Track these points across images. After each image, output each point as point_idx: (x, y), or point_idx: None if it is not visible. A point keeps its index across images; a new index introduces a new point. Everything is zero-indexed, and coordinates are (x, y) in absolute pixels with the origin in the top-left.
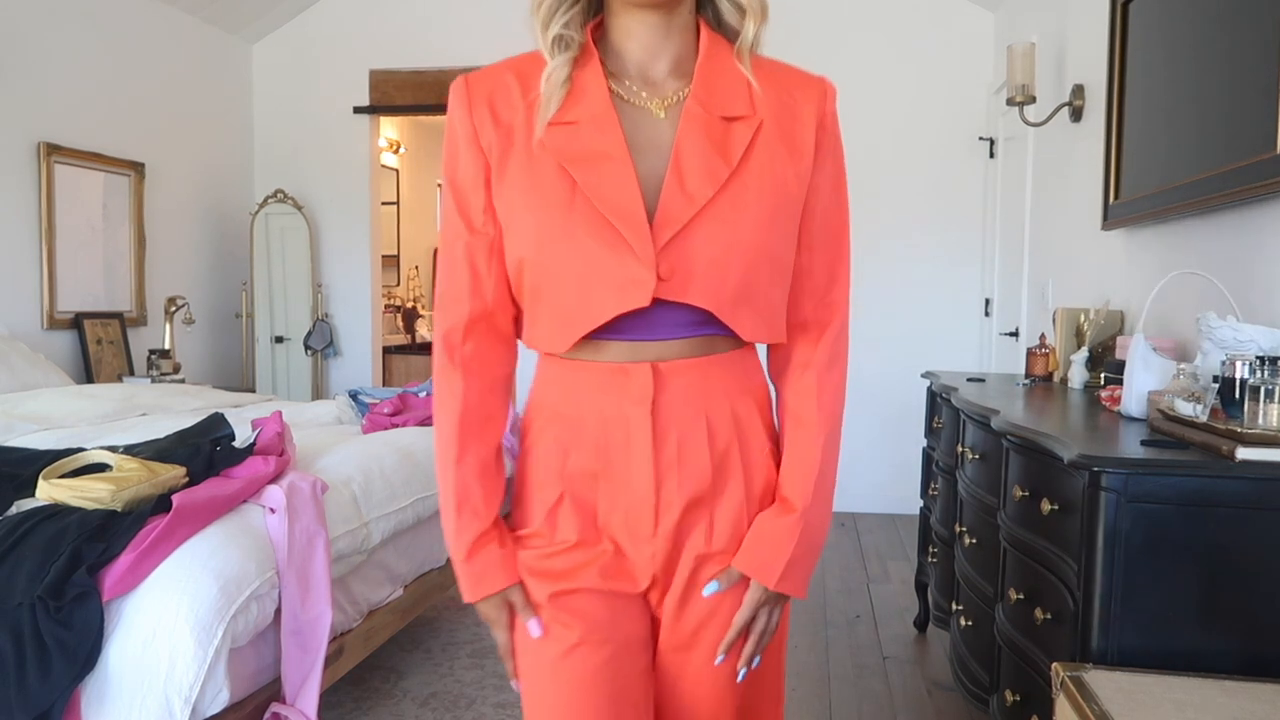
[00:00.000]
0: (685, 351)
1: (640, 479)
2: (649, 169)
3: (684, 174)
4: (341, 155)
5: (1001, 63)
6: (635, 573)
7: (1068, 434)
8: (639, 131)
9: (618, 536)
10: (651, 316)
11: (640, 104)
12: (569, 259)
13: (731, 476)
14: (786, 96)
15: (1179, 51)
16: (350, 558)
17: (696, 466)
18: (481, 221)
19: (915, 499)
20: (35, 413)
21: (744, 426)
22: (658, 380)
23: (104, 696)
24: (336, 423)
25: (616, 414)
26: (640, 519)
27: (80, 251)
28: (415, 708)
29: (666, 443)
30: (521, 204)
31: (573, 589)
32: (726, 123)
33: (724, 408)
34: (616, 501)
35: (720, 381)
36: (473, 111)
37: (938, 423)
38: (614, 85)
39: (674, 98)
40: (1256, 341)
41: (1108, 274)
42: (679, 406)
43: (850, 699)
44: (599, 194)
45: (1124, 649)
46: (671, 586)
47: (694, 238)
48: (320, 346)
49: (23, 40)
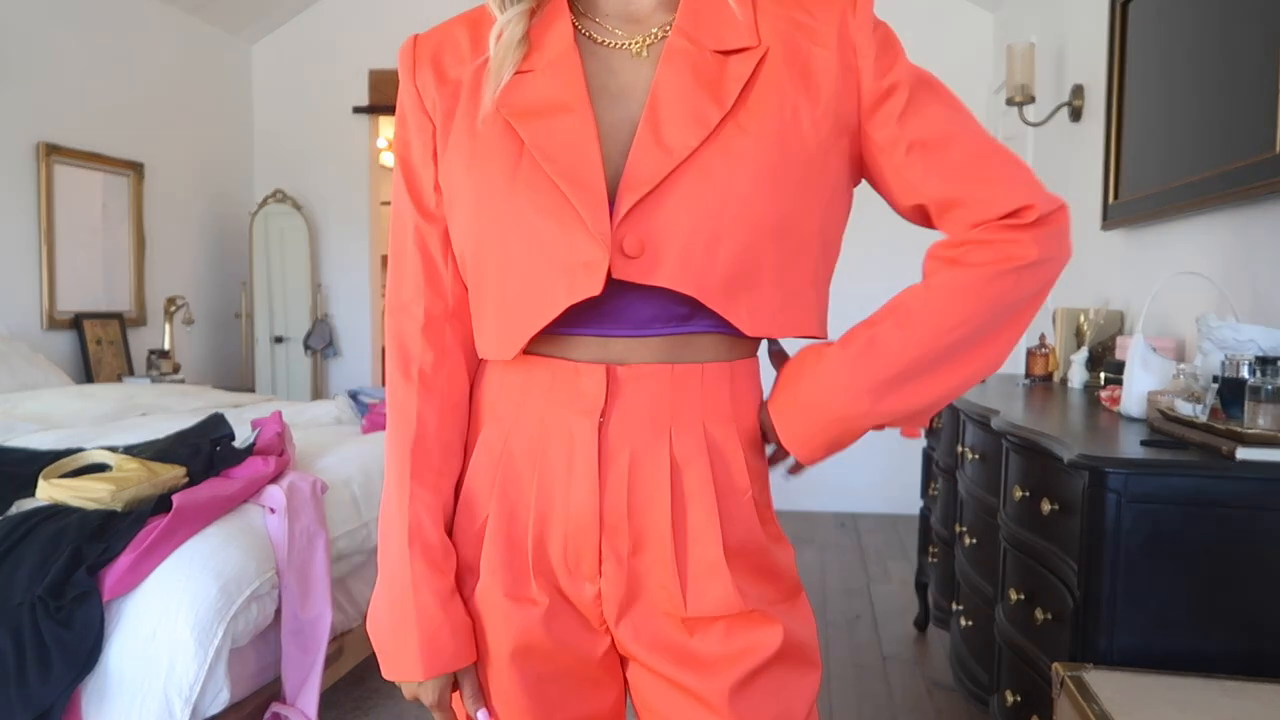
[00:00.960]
0: (657, 354)
1: (580, 507)
2: (621, 118)
3: (660, 122)
4: (341, 155)
5: (1001, 63)
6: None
7: (1068, 434)
8: (612, 76)
9: (550, 573)
10: (615, 305)
11: (615, 44)
12: (511, 237)
13: (701, 521)
14: (801, 15)
15: (1178, 52)
16: (350, 558)
17: (650, 499)
18: (435, 202)
19: (915, 499)
20: (35, 413)
21: (723, 460)
22: (612, 386)
23: (104, 696)
24: (336, 423)
25: (558, 423)
26: (581, 554)
27: (80, 251)
28: (415, 708)
29: (614, 465)
30: (461, 172)
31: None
32: (721, 57)
33: (695, 432)
34: (550, 530)
35: (696, 397)
36: (417, 73)
37: (938, 423)
38: (583, 25)
39: (658, 33)
40: (1256, 341)
41: (1107, 274)
42: (635, 422)
43: (850, 699)
44: (548, 154)
45: (1124, 649)
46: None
47: (668, 201)
48: (320, 346)
49: (23, 40)
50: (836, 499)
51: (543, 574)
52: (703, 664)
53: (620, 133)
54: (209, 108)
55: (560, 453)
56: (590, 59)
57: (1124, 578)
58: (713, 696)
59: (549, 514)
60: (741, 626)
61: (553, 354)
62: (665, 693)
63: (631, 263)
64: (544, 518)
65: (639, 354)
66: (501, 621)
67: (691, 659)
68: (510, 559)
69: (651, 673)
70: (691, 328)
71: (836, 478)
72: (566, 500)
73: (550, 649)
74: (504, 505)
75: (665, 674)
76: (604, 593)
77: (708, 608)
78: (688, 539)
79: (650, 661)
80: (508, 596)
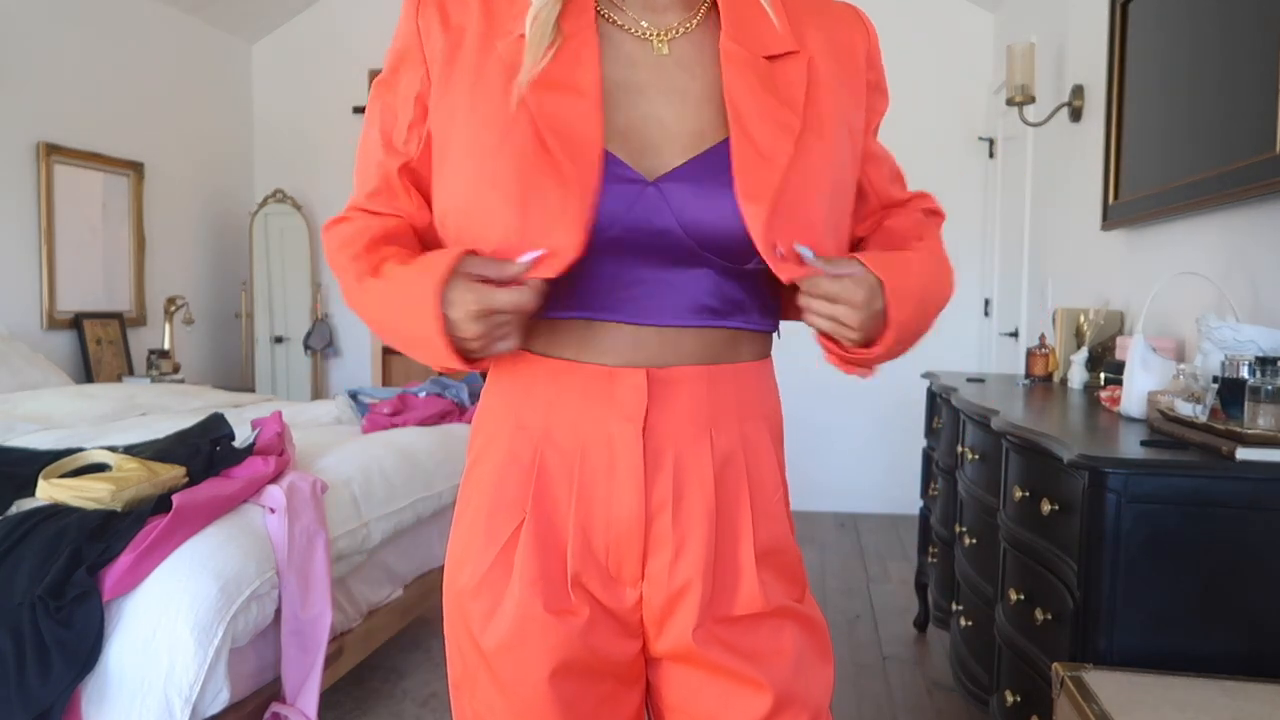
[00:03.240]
0: (693, 352)
1: (625, 513)
2: (650, 113)
3: (751, 132)
4: (341, 155)
5: (1001, 63)
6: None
7: (1068, 434)
8: (633, 69)
9: (590, 582)
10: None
11: (640, 34)
12: (493, 197)
13: (740, 519)
14: (827, 24)
15: (1178, 51)
16: (350, 558)
17: (697, 502)
18: (403, 139)
19: (915, 499)
20: (35, 413)
21: (754, 457)
22: (654, 390)
23: (104, 696)
24: (336, 423)
25: (597, 431)
26: (624, 562)
27: (80, 251)
28: (415, 708)
29: (660, 470)
30: (459, 124)
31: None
32: (768, 63)
33: (732, 430)
34: (593, 539)
35: (732, 397)
36: (420, 10)
37: (938, 423)
38: (608, 11)
39: (678, 29)
40: (1256, 342)
41: (1107, 274)
42: (679, 425)
43: (850, 699)
44: (552, 126)
45: (1124, 649)
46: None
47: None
48: (320, 346)
49: (23, 40)
50: (836, 499)
51: (580, 585)
52: (747, 655)
53: (646, 127)
54: (209, 108)
55: (600, 460)
56: (608, 44)
57: (1124, 578)
58: (762, 678)
59: (589, 522)
60: (776, 620)
61: (581, 358)
62: (704, 687)
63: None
64: (584, 526)
65: (675, 352)
66: (541, 639)
67: (736, 650)
68: (548, 570)
69: (694, 667)
70: (730, 322)
71: (837, 478)
72: (609, 506)
73: (587, 662)
74: (540, 516)
75: (714, 663)
76: (646, 596)
77: (746, 605)
78: (728, 536)
79: (697, 655)
80: (548, 611)
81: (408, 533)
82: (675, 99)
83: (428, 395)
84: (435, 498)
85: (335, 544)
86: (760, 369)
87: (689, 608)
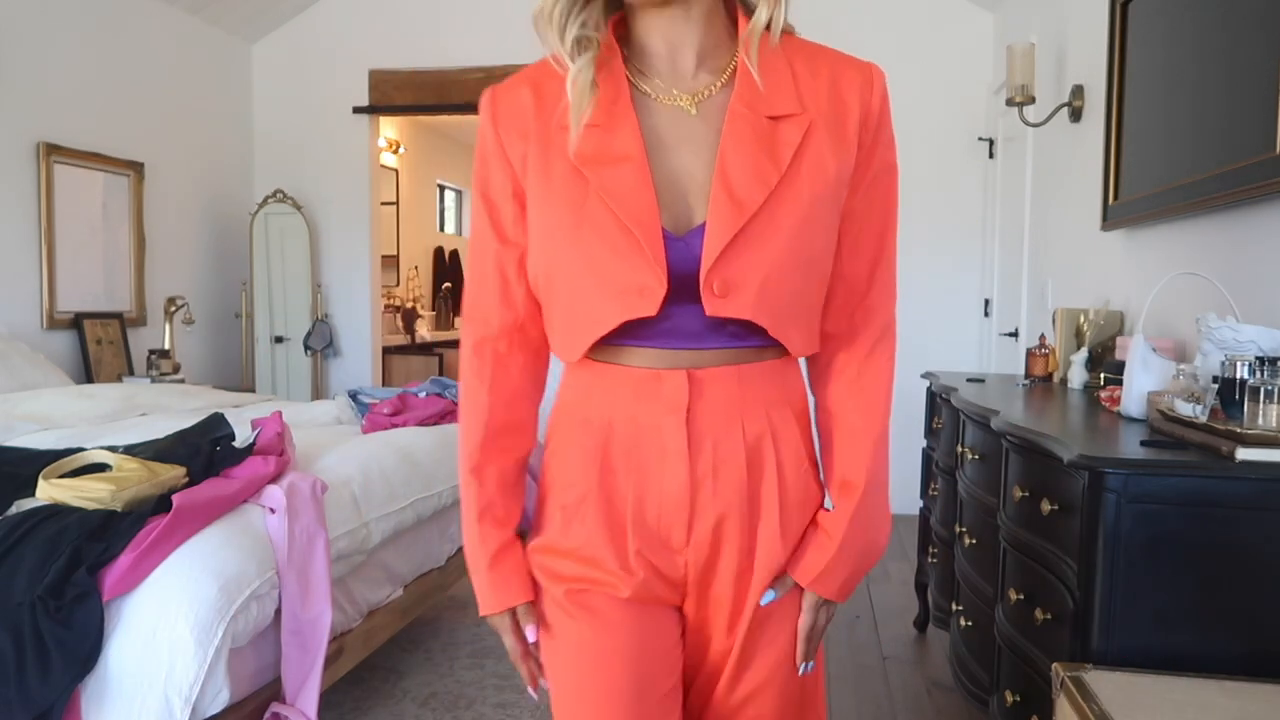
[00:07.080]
0: (724, 359)
1: (674, 488)
2: (680, 167)
3: (730, 180)
4: (341, 155)
5: (1001, 63)
6: (666, 587)
7: (1068, 434)
8: (669, 130)
9: (646, 549)
10: (676, 324)
11: (671, 101)
12: (578, 264)
13: (766, 487)
14: (833, 87)
15: (1178, 51)
16: (350, 558)
17: (732, 477)
18: (513, 232)
19: (915, 499)
20: (35, 413)
21: (780, 437)
22: (693, 388)
23: (104, 696)
24: (336, 423)
25: (650, 421)
26: (673, 528)
27: (80, 251)
28: (415, 708)
29: (702, 451)
30: (539, 209)
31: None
32: (772, 122)
33: (760, 417)
34: (646, 510)
35: (759, 390)
36: (498, 124)
37: (937, 423)
38: (640, 83)
39: (705, 92)
40: (1256, 342)
41: (1107, 274)
42: (715, 415)
43: (850, 699)
44: (614, 196)
45: (1124, 649)
46: (713, 600)
47: (747, 248)
48: (320, 346)
49: (23, 40)
50: None
51: (638, 552)
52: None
53: (679, 180)
54: (209, 108)
55: (653, 445)
56: (644, 112)
57: (1123, 578)
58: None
59: (645, 497)
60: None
61: (630, 364)
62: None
63: (722, 301)
64: (640, 500)
65: (710, 358)
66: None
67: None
68: (612, 539)
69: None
70: (750, 343)
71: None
72: (660, 483)
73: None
74: (603, 495)
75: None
76: (690, 559)
77: (773, 566)
78: (759, 506)
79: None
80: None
81: (408, 533)
82: (704, 152)
83: (428, 395)
84: (435, 498)
85: (335, 544)
86: (785, 364)
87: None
